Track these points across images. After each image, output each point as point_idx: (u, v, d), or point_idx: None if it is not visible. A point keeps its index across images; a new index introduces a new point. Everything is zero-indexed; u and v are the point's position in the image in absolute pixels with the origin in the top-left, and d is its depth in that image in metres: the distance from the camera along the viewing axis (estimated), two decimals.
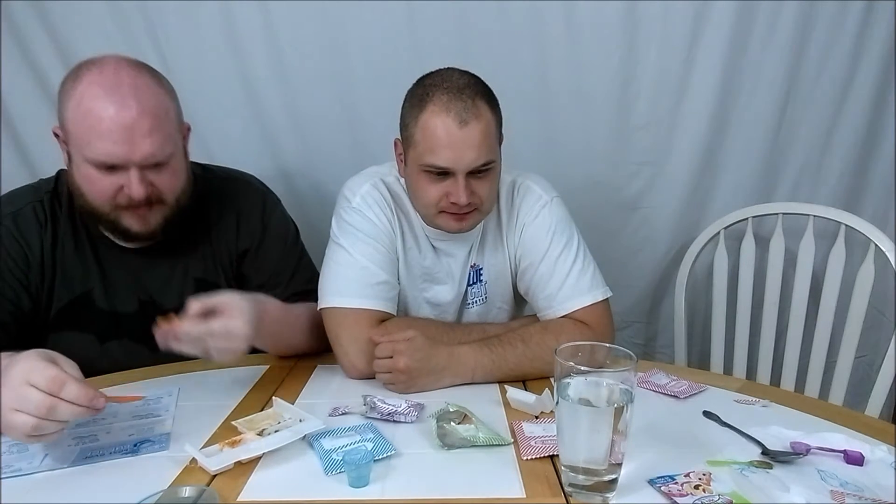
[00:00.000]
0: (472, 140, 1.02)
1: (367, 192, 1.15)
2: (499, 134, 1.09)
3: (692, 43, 1.57)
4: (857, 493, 0.71)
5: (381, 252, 1.12)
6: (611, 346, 0.73)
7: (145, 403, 0.95)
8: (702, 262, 1.61)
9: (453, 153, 1.02)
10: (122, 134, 0.98)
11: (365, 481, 0.73)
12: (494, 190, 1.11)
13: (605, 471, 0.68)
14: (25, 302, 1.07)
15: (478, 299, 1.22)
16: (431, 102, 1.02)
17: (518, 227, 1.17)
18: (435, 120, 1.02)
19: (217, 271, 1.19)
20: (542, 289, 1.13)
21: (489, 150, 1.04)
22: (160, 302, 1.14)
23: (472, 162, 1.03)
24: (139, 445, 0.82)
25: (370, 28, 1.57)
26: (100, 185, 1.02)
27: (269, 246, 1.21)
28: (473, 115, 1.01)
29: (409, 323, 1.11)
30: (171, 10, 1.55)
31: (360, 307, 1.07)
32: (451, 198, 1.05)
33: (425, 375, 0.99)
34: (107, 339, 1.13)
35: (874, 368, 1.45)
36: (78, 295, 1.11)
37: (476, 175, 1.05)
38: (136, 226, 1.06)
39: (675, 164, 1.66)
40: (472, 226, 1.11)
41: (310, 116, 1.63)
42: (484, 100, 1.04)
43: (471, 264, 1.19)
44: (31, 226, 1.08)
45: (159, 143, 1.01)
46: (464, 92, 1.02)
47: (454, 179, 1.04)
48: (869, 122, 1.61)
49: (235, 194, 1.22)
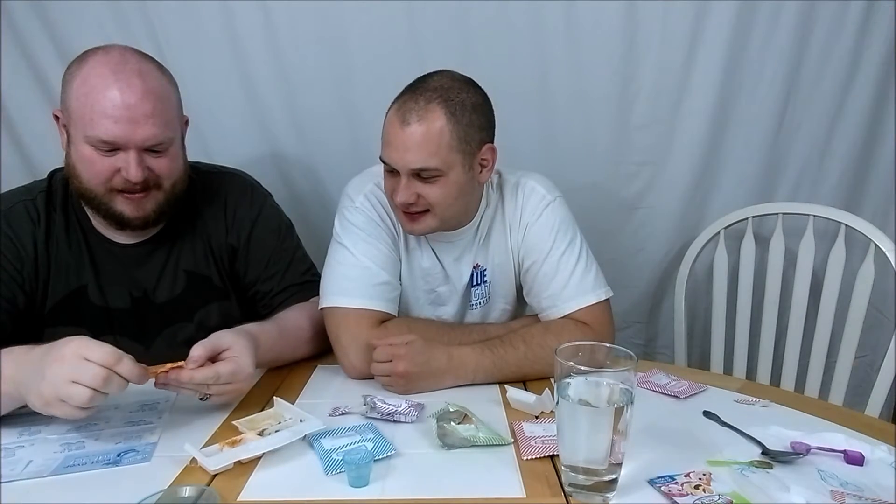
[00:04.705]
0: (413, 141, 1.02)
1: (370, 191, 1.16)
2: (454, 142, 1.04)
3: (692, 43, 1.57)
4: (857, 493, 0.71)
5: (383, 252, 1.12)
6: (611, 346, 0.73)
7: (140, 408, 0.94)
8: (702, 262, 1.61)
9: (396, 153, 1.04)
10: (125, 113, 0.99)
11: (365, 481, 0.73)
12: (442, 194, 1.07)
13: (605, 471, 0.68)
14: (20, 299, 1.08)
15: (481, 300, 1.22)
16: (394, 103, 1.06)
17: (521, 227, 1.17)
18: (387, 118, 1.06)
19: (208, 264, 1.18)
20: (545, 288, 1.13)
21: (437, 155, 1.03)
22: (152, 297, 1.14)
23: (414, 163, 1.03)
24: (122, 455, 0.80)
25: (370, 28, 1.56)
26: (97, 167, 1.02)
27: (259, 238, 1.20)
28: (420, 117, 1.02)
29: (409, 324, 1.11)
30: (171, 10, 1.55)
31: (361, 307, 1.07)
32: (397, 197, 1.07)
33: (425, 378, 0.99)
34: (100, 334, 1.12)
35: (874, 368, 1.45)
36: (72, 290, 1.11)
37: (425, 179, 1.05)
38: (130, 211, 1.06)
39: (675, 164, 1.66)
40: (424, 228, 1.10)
41: (310, 116, 1.63)
42: (445, 102, 1.03)
43: (474, 265, 1.19)
44: (23, 223, 1.08)
45: (160, 126, 1.02)
46: (426, 94, 1.03)
47: (401, 179, 1.06)
48: (869, 122, 1.61)
49: (223, 187, 1.21)
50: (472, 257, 1.19)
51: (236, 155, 1.51)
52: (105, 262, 1.13)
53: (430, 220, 1.09)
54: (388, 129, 1.05)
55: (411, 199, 1.06)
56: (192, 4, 1.55)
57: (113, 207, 1.05)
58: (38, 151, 1.61)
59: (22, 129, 1.62)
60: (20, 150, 1.63)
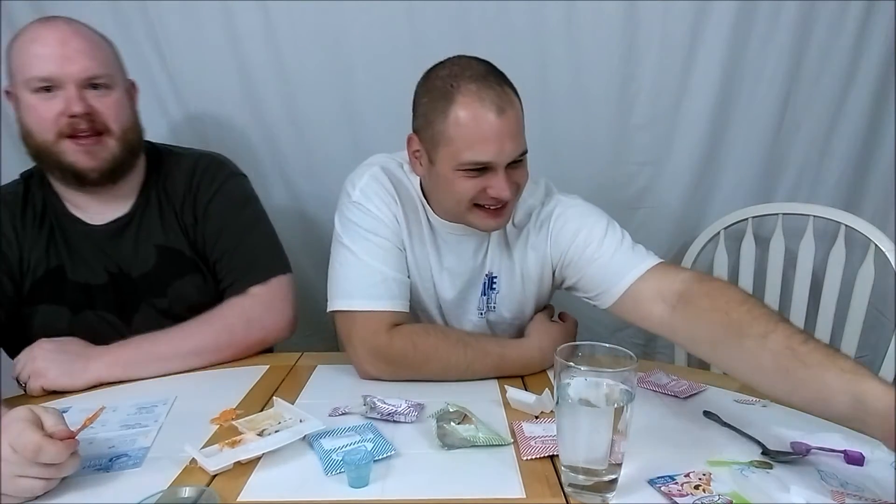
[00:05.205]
0: (510, 129, 0.95)
1: (365, 184, 1.10)
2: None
3: (692, 43, 1.57)
4: (857, 493, 0.71)
5: (384, 247, 1.07)
6: (611, 346, 0.73)
7: (138, 411, 0.93)
8: (702, 262, 1.61)
9: (495, 146, 0.95)
10: (56, 49, 1.03)
11: (365, 481, 0.73)
12: (527, 177, 1.04)
13: (605, 471, 0.68)
14: (8, 288, 1.11)
15: (491, 305, 1.16)
16: (461, 92, 0.95)
17: (549, 231, 1.11)
18: (471, 111, 0.94)
19: (178, 238, 1.19)
20: (603, 268, 1.04)
21: (524, 137, 0.99)
22: (127, 272, 1.17)
23: (512, 152, 0.96)
24: (114, 461, 0.79)
25: (370, 28, 1.56)
26: (40, 110, 1.05)
27: (215, 211, 1.19)
28: (507, 102, 0.95)
29: (427, 329, 1.07)
30: (171, 10, 1.55)
31: (367, 309, 1.04)
32: (491, 192, 0.98)
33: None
34: (80, 309, 1.15)
35: (874, 368, 1.45)
36: (51, 269, 1.14)
37: (513, 165, 0.99)
38: (83, 161, 1.07)
39: (675, 164, 1.66)
40: (506, 221, 1.05)
41: (310, 116, 1.63)
42: (508, 84, 0.98)
43: (486, 273, 1.14)
44: (2, 211, 1.12)
45: (95, 61, 1.06)
46: (489, 79, 0.96)
47: (493, 173, 0.97)
48: (869, 122, 1.61)
49: (192, 164, 1.22)
50: (482, 257, 1.13)
51: (236, 154, 1.50)
52: (79, 242, 1.15)
53: (509, 208, 1.03)
54: (477, 125, 0.94)
55: (512, 191, 0.99)
56: (192, 4, 1.55)
57: (65, 158, 1.07)
58: None
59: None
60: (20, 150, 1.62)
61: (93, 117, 1.05)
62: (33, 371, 1.01)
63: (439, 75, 0.99)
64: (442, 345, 1.03)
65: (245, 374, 1.08)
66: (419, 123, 1.03)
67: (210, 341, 1.11)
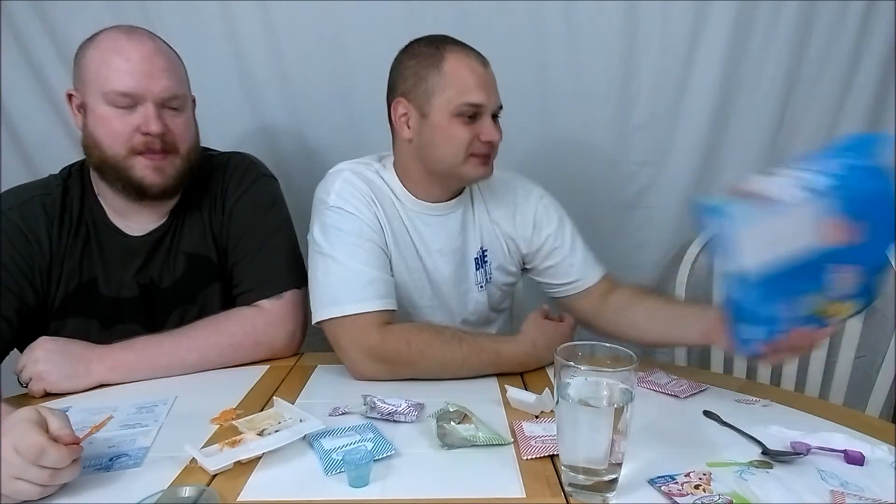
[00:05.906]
0: (493, 81, 1.10)
1: (340, 187, 1.11)
2: None
3: (692, 43, 1.57)
4: (857, 493, 0.71)
5: (366, 248, 1.08)
6: (611, 346, 0.73)
7: (138, 411, 0.93)
8: (701, 262, 1.61)
9: (485, 91, 1.08)
10: (140, 66, 1.03)
11: (365, 481, 0.73)
12: (502, 134, 1.14)
13: (605, 471, 0.68)
14: (29, 296, 1.08)
15: (483, 280, 1.22)
16: (448, 50, 1.08)
17: (519, 213, 1.21)
18: (461, 62, 1.07)
19: (206, 244, 1.18)
20: (568, 264, 1.21)
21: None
22: (158, 283, 1.16)
23: (496, 102, 1.10)
24: (114, 460, 0.78)
25: (370, 27, 1.57)
26: (116, 125, 1.03)
27: (240, 211, 1.18)
28: (485, 60, 1.10)
29: (420, 327, 1.08)
30: (171, 10, 1.55)
31: (353, 312, 1.04)
32: (483, 137, 1.08)
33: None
34: (110, 324, 1.14)
35: (874, 368, 1.45)
36: (83, 282, 1.12)
37: (493, 120, 1.11)
38: (150, 177, 1.06)
39: (675, 164, 1.66)
40: (492, 170, 1.14)
41: (310, 115, 1.63)
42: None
43: (479, 248, 1.21)
44: (38, 218, 1.09)
45: (175, 80, 1.07)
46: (459, 42, 1.11)
47: (482, 120, 1.08)
48: (869, 122, 1.61)
49: (221, 165, 1.21)
50: (465, 234, 1.21)
51: None
52: (114, 253, 1.14)
53: (493, 159, 1.13)
54: (472, 73, 1.07)
55: (496, 139, 1.10)
56: (192, 4, 1.55)
57: (134, 174, 1.06)
58: (38, 151, 1.61)
59: (22, 129, 1.62)
60: (20, 150, 1.63)
61: (165, 136, 1.05)
62: (35, 374, 1.00)
63: (420, 45, 1.11)
64: (436, 341, 1.04)
65: (245, 374, 1.08)
66: (407, 86, 1.10)
67: (214, 357, 1.10)
